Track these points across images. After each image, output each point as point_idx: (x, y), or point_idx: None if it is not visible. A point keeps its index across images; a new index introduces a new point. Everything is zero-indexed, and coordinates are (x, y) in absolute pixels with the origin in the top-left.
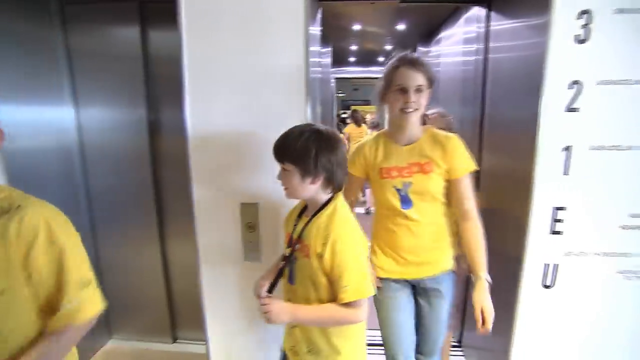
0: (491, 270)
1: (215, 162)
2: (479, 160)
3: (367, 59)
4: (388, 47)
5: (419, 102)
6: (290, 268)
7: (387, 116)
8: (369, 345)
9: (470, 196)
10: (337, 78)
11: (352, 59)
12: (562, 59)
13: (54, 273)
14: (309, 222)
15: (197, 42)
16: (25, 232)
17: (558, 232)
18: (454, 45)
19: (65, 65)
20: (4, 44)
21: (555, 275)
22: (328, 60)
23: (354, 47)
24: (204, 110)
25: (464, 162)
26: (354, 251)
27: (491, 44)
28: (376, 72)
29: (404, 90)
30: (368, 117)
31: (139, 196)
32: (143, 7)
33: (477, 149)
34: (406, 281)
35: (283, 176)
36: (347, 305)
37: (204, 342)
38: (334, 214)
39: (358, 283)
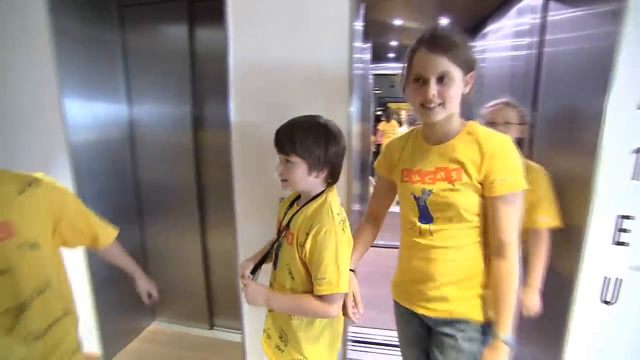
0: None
1: (256, 157)
2: (529, 157)
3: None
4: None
5: (445, 95)
6: (276, 253)
7: None
8: (386, 345)
9: (512, 226)
10: (375, 74)
11: (390, 55)
12: (637, 50)
13: (86, 225)
14: (297, 211)
15: (242, 39)
16: (55, 196)
17: (623, 244)
18: (502, 40)
19: (121, 64)
20: (71, 46)
21: (617, 291)
22: (368, 56)
23: (393, 43)
24: (247, 106)
25: (506, 175)
26: (334, 245)
27: (548, 36)
28: None
29: (423, 81)
30: (403, 114)
31: (182, 188)
32: (191, 6)
33: (527, 149)
34: (415, 314)
35: (285, 168)
36: (321, 298)
37: (240, 331)
38: (322, 206)
39: (334, 277)
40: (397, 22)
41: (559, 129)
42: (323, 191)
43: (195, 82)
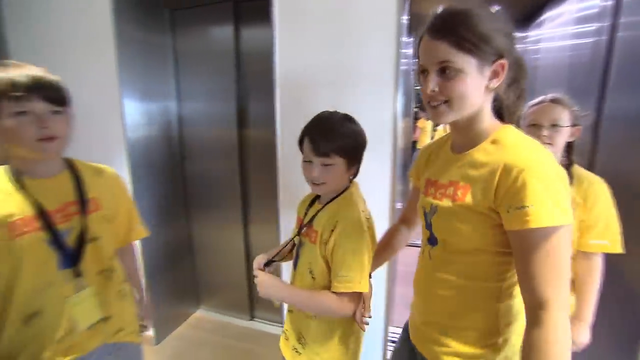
0: (612, 300)
1: (299, 154)
2: (590, 166)
3: None
4: (512, 30)
5: (450, 90)
6: (297, 252)
7: None
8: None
9: (544, 275)
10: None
11: None
12: None
13: (126, 209)
14: (321, 208)
15: (287, 37)
16: (115, 181)
17: None
18: (562, 27)
19: (172, 65)
20: (130, 50)
21: None
22: (410, 51)
23: None
24: (292, 104)
25: (523, 200)
26: (359, 243)
27: (622, 19)
28: None
29: (424, 72)
30: None
31: (227, 183)
32: (237, 6)
33: (590, 152)
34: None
35: (322, 171)
36: (339, 295)
37: (280, 324)
38: (348, 204)
39: (356, 275)
40: None
41: (633, 131)
42: (347, 187)
43: (240, 80)
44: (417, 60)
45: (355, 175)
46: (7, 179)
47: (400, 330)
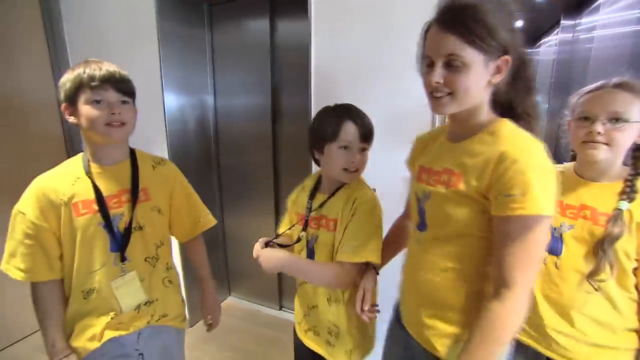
0: None
1: None
2: None
3: None
4: (518, 25)
5: (455, 83)
6: (309, 247)
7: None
8: None
9: (517, 261)
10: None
11: None
12: None
13: (186, 201)
14: (330, 197)
15: (323, 31)
16: (172, 174)
17: None
18: (623, 12)
19: (210, 59)
20: (172, 46)
21: None
22: None
23: None
24: (327, 97)
25: (512, 189)
26: (369, 218)
27: None
28: None
29: (430, 62)
30: None
31: (260, 175)
32: (273, 0)
33: None
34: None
35: (363, 157)
36: (342, 265)
37: None
38: (360, 186)
39: (360, 247)
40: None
41: None
42: None
43: (275, 74)
44: (423, 48)
45: None
46: (80, 163)
47: None
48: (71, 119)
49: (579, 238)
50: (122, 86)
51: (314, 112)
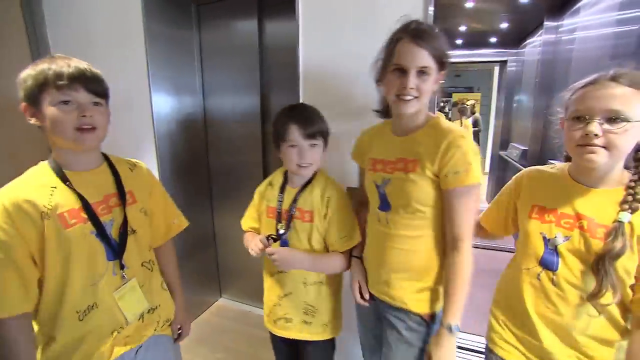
0: None
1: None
2: None
3: (475, 41)
4: (503, 26)
5: (422, 89)
6: (283, 241)
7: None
8: (464, 349)
9: (465, 220)
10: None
11: (459, 42)
12: None
13: (163, 203)
14: (302, 190)
15: (311, 31)
16: (148, 177)
17: None
18: (602, 14)
19: (198, 59)
20: (159, 47)
21: None
22: None
23: (462, 28)
24: (316, 97)
25: (458, 168)
26: (348, 208)
27: None
28: (485, 55)
29: (402, 71)
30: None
31: (250, 175)
32: (261, 0)
33: None
34: (373, 299)
35: (312, 153)
36: (343, 253)
37: None
38: (327, 179)
39: (350, 233)
40: (469, 4)
41: None
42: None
43: (264, 74)
44: (390, 57)
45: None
46: (51, 172)
47: (477, 338)
48: (32, 121)
49: (575, 251)
50: (94, 86)
51: None
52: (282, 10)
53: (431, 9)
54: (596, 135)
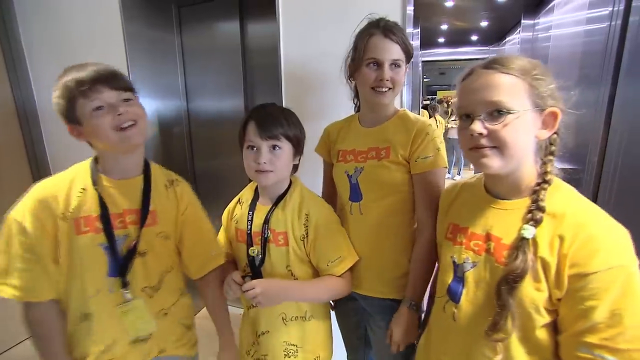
0: None
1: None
2: (601, 156)
3: (457, 39)
4: (483, 24)
5: (395, 80)
6: (257, 268)
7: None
8: None
9: (426, 203)
10: (423, 61)
11: (440, 40)
12: None
13: (198, 229)
14: (273, 208)
15: (292, 32)
16: (182, 199)
17: None
18: (574, 12)
19: (180, 61)
20: (139, 48)
21: None
22: (417, 42)
23: (443, 27)
24: (299, 97)
25: (427, 153)
26: (336, 224)
27: (635, 2)
28: (467, 52)
29: (377, 65)
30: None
31: (236, 178)
32: (242, 1)
33: (602, 139)
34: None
35: (272, 156)
36: (341, 276)
37: None
38: (303, 192)
39: (345, 252)
40: (449, 3)
41: None
42: (290, 180)
43: (247, 76)
44: (362, 52)
45: (296, 169)
46: (88, 172)
47: None
48: (82, 140)
49: (480, 281)
50: (117, 83)
51: None
52: (264, 11)
53: (410, 8)
54: (481, 134)
